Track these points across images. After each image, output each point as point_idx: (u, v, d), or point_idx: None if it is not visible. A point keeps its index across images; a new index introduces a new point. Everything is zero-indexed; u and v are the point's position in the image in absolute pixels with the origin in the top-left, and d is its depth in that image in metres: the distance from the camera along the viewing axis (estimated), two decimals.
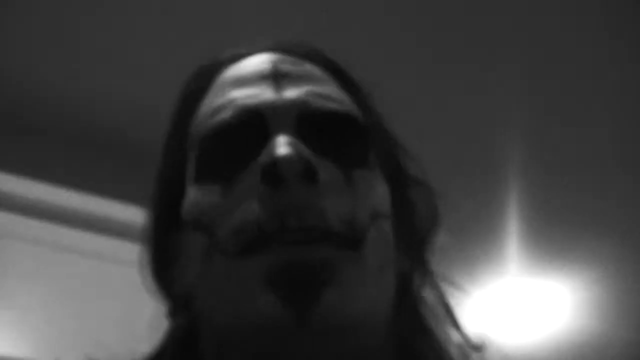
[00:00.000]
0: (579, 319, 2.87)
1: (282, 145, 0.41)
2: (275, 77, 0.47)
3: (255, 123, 0.44)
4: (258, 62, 0.49)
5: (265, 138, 0.43)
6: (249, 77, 0.48)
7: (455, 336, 0.49)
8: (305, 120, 0.45)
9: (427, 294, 0.50)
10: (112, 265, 1.88)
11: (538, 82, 1.82)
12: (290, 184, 0.40)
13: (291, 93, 0.46)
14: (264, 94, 0.46)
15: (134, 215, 1.92)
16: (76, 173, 2.04)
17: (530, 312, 2.83)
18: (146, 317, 0.52)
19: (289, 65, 0.48)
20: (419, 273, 0.50)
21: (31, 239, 1.90)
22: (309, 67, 0.49)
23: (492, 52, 1.74)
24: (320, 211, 0.40)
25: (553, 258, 2.54)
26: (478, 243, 2.34)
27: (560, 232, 2.41)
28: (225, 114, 0.45)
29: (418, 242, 0.51)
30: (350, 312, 0.40)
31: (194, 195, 0.45)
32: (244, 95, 0.46)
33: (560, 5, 1.59)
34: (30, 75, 1.85)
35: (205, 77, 0.51)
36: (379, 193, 0.46)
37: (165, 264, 0.51)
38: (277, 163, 0.40)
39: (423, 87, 1.86)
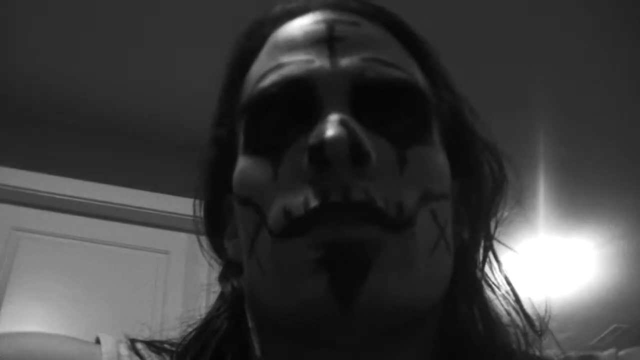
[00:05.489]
0: (605, 274, 2.88)
1: (332, 126, 0.39)
2: (330, 42, 0.44)
3: (305, 94, 0.42)
4: (312, 22, 0.45)
5: (318, 110, 0.41)
6: (301, 40, 0.45)
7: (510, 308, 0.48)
8: (360, 91, 0.42)
9: (482, 260, 0.48)
10: (145, 253, 1.89)
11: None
12: (337, 167, 0.38)
13: (346, 61, 0.43)
14: (316, 61, 0.43)
15: (168, 204, 1.92)
16: (101, 166, 2.04)
17: (559, 269, 2.85)
18: (177, 305, 0.51)
19: (346, 26, 0.45)
20: (479, 241, 0.48)
21: (60, 233, 1.91)
22: (367, 27, 0.45)
23: None
24: (366, 189, 0.39)
25: (578, 216, 2.55)
26: (509, 204, 2.31)
27: (584, 191, 2.42)
28: (272, 83, 0.43)
29: (484, 211, 0.49)
30: (394, 298, 0.38)
31: (243, 166, 0.44)
32: (295, 61, 0.43)
33: None
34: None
35: (257, 35, 0.49)
36: (436, 171, 0.43)
37: (217, 226, 0.50)
38: (324, 145, 0.38)
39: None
